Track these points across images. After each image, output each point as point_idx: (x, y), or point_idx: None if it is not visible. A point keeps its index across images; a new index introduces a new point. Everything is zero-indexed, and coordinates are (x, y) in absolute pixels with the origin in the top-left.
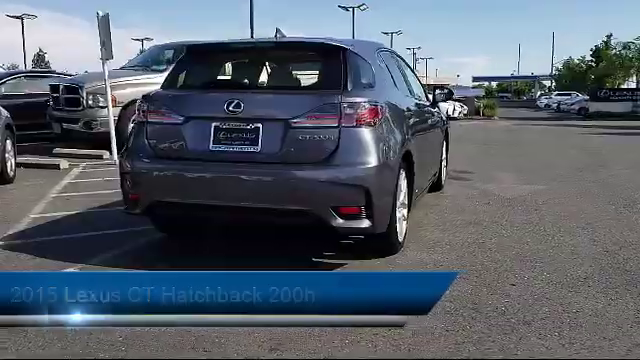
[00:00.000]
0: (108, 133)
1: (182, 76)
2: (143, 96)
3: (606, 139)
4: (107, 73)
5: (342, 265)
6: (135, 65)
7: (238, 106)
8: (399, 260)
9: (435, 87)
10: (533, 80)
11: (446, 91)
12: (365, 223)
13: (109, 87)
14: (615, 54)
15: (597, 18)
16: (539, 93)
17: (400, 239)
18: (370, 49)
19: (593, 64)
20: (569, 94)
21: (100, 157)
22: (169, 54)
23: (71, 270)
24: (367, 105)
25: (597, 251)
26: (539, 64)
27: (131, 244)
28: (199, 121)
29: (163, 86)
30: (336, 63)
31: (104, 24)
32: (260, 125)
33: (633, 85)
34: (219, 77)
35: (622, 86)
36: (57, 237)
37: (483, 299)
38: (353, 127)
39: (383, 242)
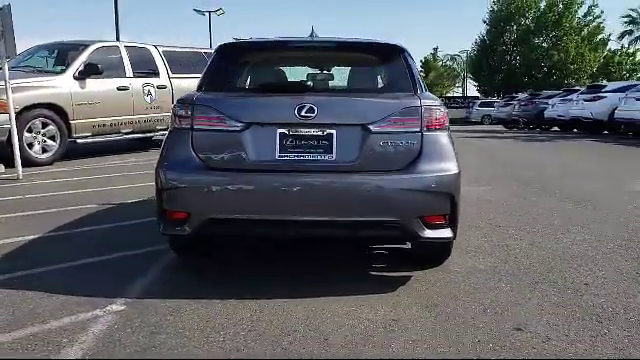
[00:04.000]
0: None
1: (230, 77)
2: (180, 100)
3: (477, 141)
4: (7, 74)
5: (408, 278)
6: (16, 66)
7: (311, 111)
8: (454, 267)
9: None
10: None
11: None
12: (448, 232)
13: (10, 90)
14: (442, 65)
15: (425, 31)
16: None
17: None
18: None
19: (423, 74)
20: None
21: None
22: (55, 54)
23: (116, 307)
24: (442, 109)
25: (618, 244)
26: None
27: (153, 270)
28: (262, 127)
29: (203, 88)
30: (400, 65)
31: (3, 17)
32: (334, 131)
33: (458, 93)
34: (277, 79)
35: (448, 94)
36: (49, 268)
37: (582, 302)
38: (433, 132)
39: (445, 248)
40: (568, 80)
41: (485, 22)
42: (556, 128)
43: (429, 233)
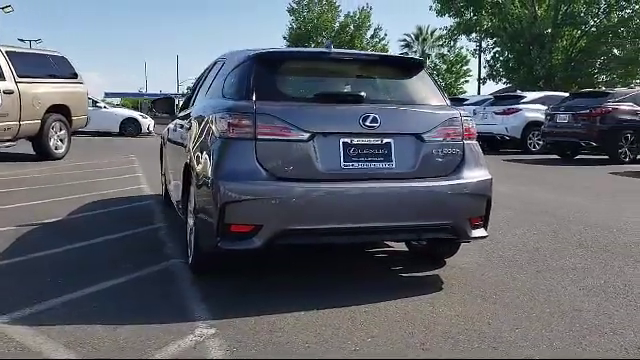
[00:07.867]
0: None
1: (277, 86)
2: (234, 109)
3: None
4: None
5: (432, 277)
6: None
7: (375, 121)
8: (458, 264)
9: None
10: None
11: None
12: (484, 231)
13: None
14: None
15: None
16: None
17: None
18: None
19: None
20: None
21: None
22: None
23: (206, 330)
24: (473, 119)
25: (552, 236)
26: (167, 82)
27: (187, 287)
28: (325, 137)
29: (253, 97)
30: (427, 78)
31: None
32: (391, 140)
33: None
34: (329, 88)
35: None
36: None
37: (594, 283)
38: (470, 140)
39: (457, 247)
40: None
41: (285, 38)
42: None
43: (474, 233)
